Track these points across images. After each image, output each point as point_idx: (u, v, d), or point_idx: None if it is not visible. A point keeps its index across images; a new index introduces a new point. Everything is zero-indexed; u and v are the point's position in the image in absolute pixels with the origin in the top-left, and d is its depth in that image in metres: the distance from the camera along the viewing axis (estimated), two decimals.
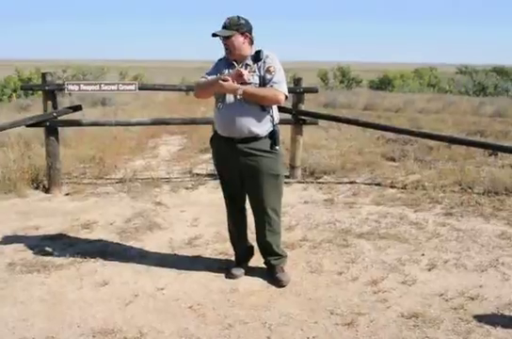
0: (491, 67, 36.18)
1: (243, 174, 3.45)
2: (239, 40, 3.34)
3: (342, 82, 30.02)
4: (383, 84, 29.07)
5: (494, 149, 6.58)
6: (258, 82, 3.32)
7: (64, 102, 12.88)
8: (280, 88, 3.32)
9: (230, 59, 3.42)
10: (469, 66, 39.89)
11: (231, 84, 3.20)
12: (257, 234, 3.65)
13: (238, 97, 3.28)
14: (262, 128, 3.36)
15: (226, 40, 3.32)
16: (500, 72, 33.13)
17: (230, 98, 3.33)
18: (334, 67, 31.52)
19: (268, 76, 3.32)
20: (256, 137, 3.35)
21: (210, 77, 3.40)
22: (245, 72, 3.21)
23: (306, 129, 7.03)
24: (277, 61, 3.39)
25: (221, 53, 3.46)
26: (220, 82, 3.20)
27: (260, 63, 3.36)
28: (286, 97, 3.36)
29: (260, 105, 3.32)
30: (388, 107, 14.80)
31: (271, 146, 3.40)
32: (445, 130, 9.95)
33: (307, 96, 6.64)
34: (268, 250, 3.65)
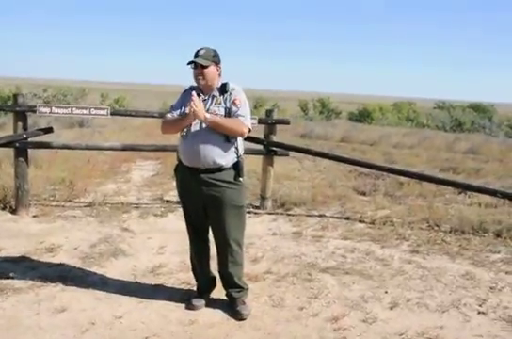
0: (468, 103, 37.05)
1: (206, 205, 3.45)
2: (214, 70, 3.39)
3: (321, 113, 30.39)
4: (362, 116, 29.50)
5: (462, 187, 6.67)
6: (223, 113, 3.36)
7: (41, 122, 12.86)
8: (245, 121, 3.37)
9: (196, 90, 3.43)
10: (446, 102, 40.78)
11: (201, 111, 3.23)
12: (219, 265, 3.63)
13: (204, 126, 3.30)
14: (226, 159, 3.38)
15: (202, 69, 3.34)
16: (477, 108, 33.95)
17: (195, 127, 3.35)
18: (314, 98, 31.95)
19: (234, 109, 3.37)
20: (220, 168, 3.37)
21: (176, 112, 3.43)
22: (198, 105, 3.23)
23: (280, 159, 7.09)
24: (242, 94, 3.45)
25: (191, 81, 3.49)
26: (193, 106, 3.20)
27: (226, 95, 3.41)
28: (250, 130, 3.41)
29: (225, 136, 3.35)
30: (364, 140, 14.99)
31: (235, 177, 3.41)
32: (418, 165, 10.10)
33: (284, 126, 6.70)
34: (230, 282, 3.63)
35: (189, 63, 3.35)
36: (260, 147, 6.30)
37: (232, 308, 3.59)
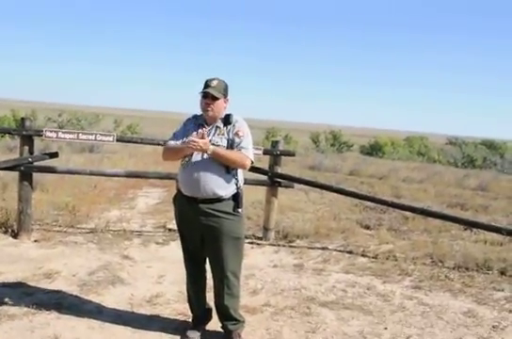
0: (481, 140, 37.02)
1: (203, 235, 3.43)
2: (222, 103, 3.42)
3: (333, 145, 30.48)
4: (374, 150, 29.55)
5: (466, 224, 6.60)
6: (226, 145, 3.37)
7: (53, 146, 12.99)
8: (248, 153, 3.37)
9: (199, 119, 3.46)
10: (459, 137, 40.78)
11: (205, 142, 3.22)
12: (215, 296, 3.59)
13: (205, 156, 3.31)
14: (226, 190, 3.37)
15: (212, 100, 3.36)
16: (489, 145, 33.91)
17: (196, 157, 3.35)
18: (326, 130, 32.09)
19: (237, 140, 3.37)
20: (219, 199, 3.36)
21: (178, 139, 3.44)
22: (206, 137, 3.25)
23: (286, 191, 7.07)
24: (246, 126, 3.46)
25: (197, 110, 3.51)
26: (192, 143, 3.19)
27: (229, 127, 3.42)
28: (252, 162, 3.41)
29: (225, 167, 3.35)
30: (373, 174, 14.94)
31: (234, 208, 3.40)
32: (426, 200, 10.03)
33: (294, 158, 6.73)
34: (226, 315, 3.57)
35: (202, 93, 3.37)
36: (264, 178, 6.31)
37: None
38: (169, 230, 6.48)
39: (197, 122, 3.47)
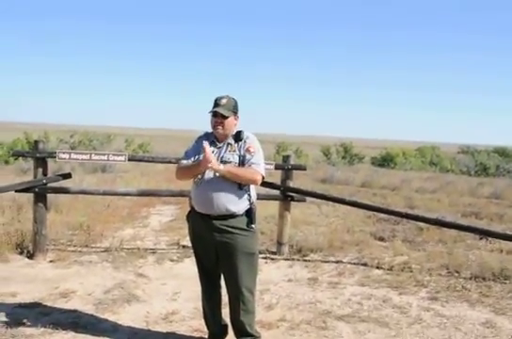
0: (493, 147, 36.77)
1: (218, 251, 3.44)
2: (233, 121, 3.46)
3: (344, 157, 30.43)
4: (385, 161, 29.43)
5: (482, 233, 6.54)
6: (237, 161, 3.40)
7: (66, 167, 13.11)
8: (259, 168, 3.39)
9: (210, 137, 3.50)
10: (470, 146, 40.54)
11: (214, 162, 3.25)
12: (230, 312, 3.58)
13: (217, 174, 3.33)
14: (239, 206, 3.39)
15: (222, 119, 3.40)
16: (502, 153, 33.66)
17: (209, 174, 3.37)
18: (337, 142, 32.07)
19: (248, 156, 3.40)
20: (233, 215, 3.38)
21: (191, 160, 3.46)
22: (211, 157, 3.24)
23: (298, 205, 7.07)
24: (257, 142, 3.49)
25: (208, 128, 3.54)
26: (207, 161, 3.21)
27: (240, 143, 3.45)
28: (263, 177, 3.43)
29: (238, 184, 3.37)
30: (385, 185, 14.87)
31: (247, 224, 3.41)
32: (440, 210, 9.95)
33: (305, 171, 6.74)
34: (241, 331, 3.57)
35: (212, 112, 3.41)
36: (277, 192, 6.32)
37: None
38: (183, 247, 6.50)
39: (208, 140, 3.48)
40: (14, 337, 3.72)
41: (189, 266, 5.68)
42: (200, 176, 3.41)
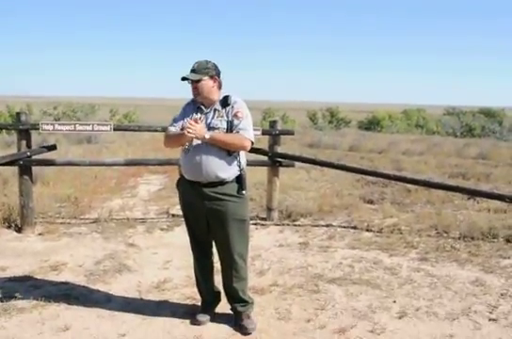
0: (478, 108, 36.84)
1: (209, 219, 3.41)
2: (208, 83, 3.35)
3: (331, 122, 30.41)
4: (372, 124, 29.47)
5: (470, 193, 6.58)
6: (225, 127, 3.33)
7: (50, 139, 12.96)
8: (247, 134, 3.33)
9: (197, 103, 3.42)
10: (456, 107, 40.58)
11: (200, 129, 3.19)
12: (223, 279, 3.59)
13: (204, 141, 3.28)
14: (228, 172, 3.35)
15: (195, 83, 3.33)
16: (487, 113, 33.78)
17: (197, 141, 3.31)
18: (323, 107, 31.98)
19: (236, 122, 3.33)
20: (222, 182, 3.34)
21: (178, 125, 3.40)
22: (199, 122, 3.22)
23: (287, 170, 7.05)
24: (245, 107, 3.41)
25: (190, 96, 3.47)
26: (188, 130, 3.16)
27: (228, 108, 3.37)
28: (252, 143, 3.38)
29: (227, 150, 3.32)
30: (372, 148, 14.90)
31: (238, 190, 3.38)
32: (427, 172, 10.02)
33: (293, 136, 6.69)
34: (234, 297, 3.58)
35: (182, 79, 3.34)
36: (265, 158, 6.28)
37: (238, 322, 3.54)
38: (173, 215, 6.49)
39: (195, 106, 3.42)
40: (6, 311, 3.70)
41: (180, 235, 5.69)
42: (188, 143, 3.34)
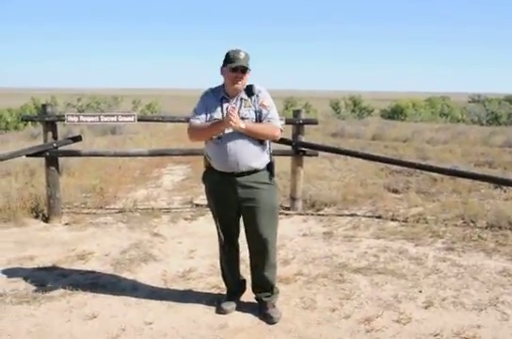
0: (504, 96, 36.18)
1: (241, 208, 3.41)
2: (248, 75, 3.35)
3: (353, 111, 30.16)
4: (395, 113, 29.17)
5: (498, 182, 6.47)
6: (254, 117, 3.31)
7: (75, 130, 13.10)
8: (277, 123, 3.35)
9: (220, 93, 3.39)
10: (481, 95, 39.91)
11: (238, 121, 3.16)
12: (253, 268, 3.59)
13: (239, 131, 3.25)
14: (261, 161, 3.36)
15: (241, 73, 3.28)
16: None
17: (229, 134, 3.28)
18: (346, 96, 31.73)
19: (264, 111, 3.32)
20: (256, 170, 3.35)
21: (202, 116, 3.34)
22: (235, 112, 3.19)
23: (310, 159, 7.01)
24: (269, 96, 3.40)
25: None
26: (233, 119, 3.12)
27: (253, 97, 3.36)
28: (281, 131, 3.39)
29: (258, 139, 3.33)
30: (396, 137, 14.74)
31: (269, 178, 3.40)
32: (453, 160, 9.87)
33: (316, 126, 6.64)
34: (263, 285, 3.59)
35: (231, 67, 3.25)
36: (288, 148, 6.25)
37: (263, 311, 3.56)
38: (197, 205, 6.53)
39: (218, 96, 3.38)
40: (35, 299, 3.77)
41: (204, 225, 5.74)
42: (220, 134, 3.30)
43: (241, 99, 3.36)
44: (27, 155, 5.77)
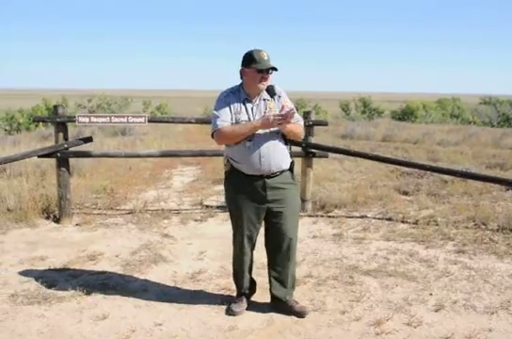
0: None
1: (268, 210, 3.41)
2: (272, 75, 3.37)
3: (363, 112, 30.08)
4: (405, 114, 29.06)
5: (509, 184, 6.42)
6: None
7: (85, 131, 13.17)
8: (302, 123, 3.42)
9: (241, 95, 3.35)
10: (492, 96, 39.68)
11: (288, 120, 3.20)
12: (278, 268, 3.58)
13: (266, 132, 3.28)
14: (287, 162, 3.41)
15: (267, 74, 3.29)
16: None
17: (259, 135, 3.28)
18: (356, 97, 31.67)
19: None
20: (283, 171, 3.38)
21: (227, 118, 3.29)
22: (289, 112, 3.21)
23: (320, 161, 7.00)
24: (287, 96, 3.44)
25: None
26: (280, 119, 3.16)
27: (276, 98, 3.39)
28: None
29: (284, 140, 3.37)
30: (406, 139, 14.69)
31: (292, 177, 3.45)
32: (464, 162, 9.83)
33: (325, 127, 6.63)
34: (287, 284, 3.61)
35: (259, 68, 3.24)
36: (298, 149, 6.25)
37: (290, 310, 3.58)
38: (207, 207, 6.54)
39: (239, 97, 3.35)
40: (46, 299, 3.78)
41: (213, 226, 5.75)
42: (249, 138, 3.28)
43: (264, 99, 3.37)
44: (39, 156, 5.80)
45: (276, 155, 3.31)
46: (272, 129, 3.28)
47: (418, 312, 3.63)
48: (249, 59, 3.28)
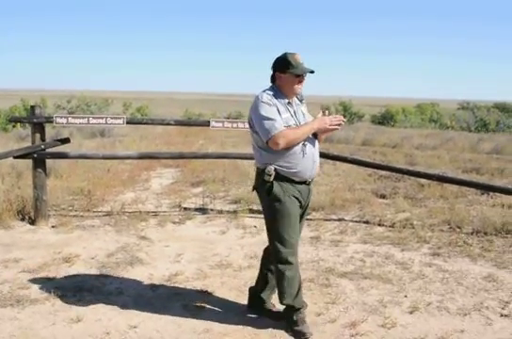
0: (493, 103, 36.49)
1: (301, 215, 3.41)
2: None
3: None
4: (385, 119, 29.31)
5: (484, 188, 6.53)
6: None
7: (64, 132, 13.05)
8: None
9: (283, 98, 3.26)
10: (470, 102, 40.22)
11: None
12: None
13: (311, 137, 3.28)
14: None
15: (302, 78, 3.25)
16: (502, 108, 33.43)
17: (309, 139, 3.25)
18: (336, 101, 31.83)
19: (309, 118, 3.38)
20: None
21: (280, 122, 3.15)
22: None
23: None
24: None
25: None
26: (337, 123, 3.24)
27: (303, 102, 3.43)
28: None
29: None
30: (385, 143, 14.82)
31: None
32: (441, 167, 9.95)
33: None
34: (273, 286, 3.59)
35: (298, 73, 3.19)
36: None
37: (269, 313, 3.61)
38: (185, 209, 6.51)
39: (282, 101, 3.25)
40: (19, 302, 3.73)
41: (192, 228, 5.73)
42: (302, 143, 3.21)
43: (297, 105, 3.36)
44: (14, 157, 5.72)
45: (318, 160, 3.35)
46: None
47: (393, 313, 3.66)
48: (285, 64, 3.19)
